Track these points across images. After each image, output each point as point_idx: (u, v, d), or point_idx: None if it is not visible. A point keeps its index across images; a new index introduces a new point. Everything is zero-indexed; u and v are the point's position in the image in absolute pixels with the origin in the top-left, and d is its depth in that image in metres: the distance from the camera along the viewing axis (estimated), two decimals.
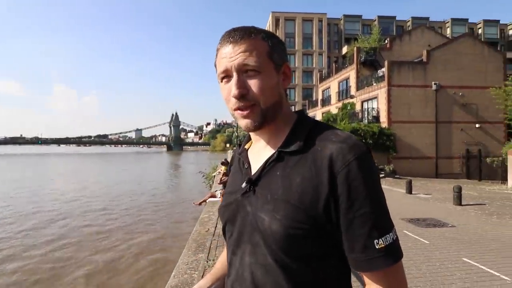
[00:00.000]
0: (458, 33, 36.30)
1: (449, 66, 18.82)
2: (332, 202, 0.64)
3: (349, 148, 0.64)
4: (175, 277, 4.10)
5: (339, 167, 0.63)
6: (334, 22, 50.95)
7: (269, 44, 0.71)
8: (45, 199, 15.49)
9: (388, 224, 0.64)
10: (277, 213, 0.66)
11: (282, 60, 0.73)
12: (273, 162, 0.71)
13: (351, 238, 0.63)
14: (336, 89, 26.42)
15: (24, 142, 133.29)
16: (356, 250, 0.63)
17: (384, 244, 0.62)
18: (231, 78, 0.69)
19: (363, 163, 0.64)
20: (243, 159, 0.81)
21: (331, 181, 0.63)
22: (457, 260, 4.31)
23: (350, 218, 0.63)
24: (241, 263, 0.73)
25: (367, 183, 0.63)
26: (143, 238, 8.98)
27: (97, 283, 6.10)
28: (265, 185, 0.71)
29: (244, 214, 0.73)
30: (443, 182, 14.88)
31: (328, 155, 0.65)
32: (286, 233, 0.64)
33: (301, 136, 0.71)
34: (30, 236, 9.10)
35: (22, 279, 6.23)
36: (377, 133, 17.83)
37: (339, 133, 0.69)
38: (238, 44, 0.68)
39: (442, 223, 6.45)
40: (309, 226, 0.64)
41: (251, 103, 0.68)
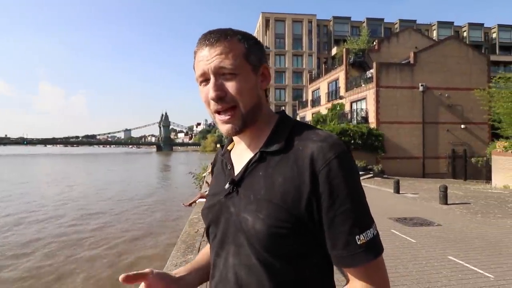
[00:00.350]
0: (444, 36, 37.09)
1: (435, 68, 19.22)
2: (314, 200, 0.64)
3: (330, 147, 0.65)
4: None
5: (320, 165, 0.64)
6: (323, 24, 51.38)
7: (246, 45, 0.70)
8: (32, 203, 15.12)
9: (368, 220, 0.66)
10: (260, 213, 0.66)
11: (260, 61, 0.73)
12: (256, 163, 0.72)
13: (333, 236, 0.65)
14: (325, 90, 26.65)
15: (9, 143, 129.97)
16: (338, 247, 0.64)
17: (365, 240, 0.63)
18: (209, 81, 0.69)
19: (343, 161, 0.65)
20: (226, 160, 0.81)
21: (313, 179, 0.64)
22: (443, 258, 4.39)
23: (332, 216, 0.64)
24: (225, 265, 0.72)
25: (348, 181, 0.64)
26: (129, 238, 8.85)
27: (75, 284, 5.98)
28: (248, 186, 0.71)
29: (227, 215, 0.73)
30: (430, 182, 15.17)
31: (309, 154, 0.66)
32: (269, 232, 0.65)
33: (282, 136, 0.72)
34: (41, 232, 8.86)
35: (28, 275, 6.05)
36: (366, 133, 18.06)
37: (319, 133, 0.70)
38: (214, 47, 0.68)
39: (428, 222, 6.57)
40: (291, 225, 0.65)
41: (230, 105, 0.69)
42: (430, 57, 19.38)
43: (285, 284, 0.67)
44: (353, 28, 49.46)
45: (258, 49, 0.73)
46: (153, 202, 15.10)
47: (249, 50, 0.70)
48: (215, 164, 0.92)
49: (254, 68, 0.71)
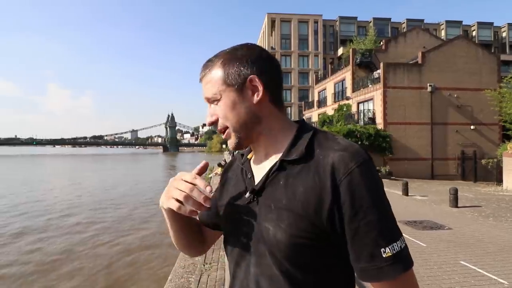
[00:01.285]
0: (452, 35, 36.63)
1: (444, 68, 18.97)
2: (335, 210, 0.63)
3: (351, 156, 0.64)
4: (172, 281, 4.05)
5: (342, 175, 0.63)
6: (329, 24, 51.15)
7: (224, 69, 0.73)
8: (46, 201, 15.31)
9: (395, 232, 0.63)
10: (281, 222, 0.66)
11: (242, 77, 0.72)
12: (276, 172, 0.71)
13: (357, 247, 0.63)
14: (332, 91, 26.51)
15: (19, 143, 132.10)
16: (362, 260, 0.62)
17: (391, 253, 0.60)
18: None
19: (365, 170, 0.64)
20: (246, 169, 0.81)
21: (334, 189, 0.63)
22: (454, 263, 4.30)
23: (355, 227, 0.62)
24: (245, 275, 0.72)
25: (371, 191, 0.63)
26: (136, 237, 8.88)
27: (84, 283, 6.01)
28: (268, 195, 0.71)
29: (248, 225, 0.72)
30: (439, 184, 14.96)
31: (330, 163, 0.65)
32: (290, 242, 0.65)
33: (302, 144, 0.71)
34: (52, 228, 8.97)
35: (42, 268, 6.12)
36: (373, 134, 17.91)
37: (340, 141, 0.69)
38: (203, 79, 0.75)
39: (439, 226, 6.46)
40: (313, 235, 0.64)
41: (222, 127, 0.74)
42: (438, 57, 19.14)
43: None
44: (360, 28, 49.15)
45: (240, 65, 0.72)
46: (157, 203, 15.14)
47: (227, 74, 0.72)
48: (226, 170, 0.91)
49: (236, 88, 0.72)
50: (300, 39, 49.83)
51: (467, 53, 19.44)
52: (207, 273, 4.25)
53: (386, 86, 18.63)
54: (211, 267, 4.43)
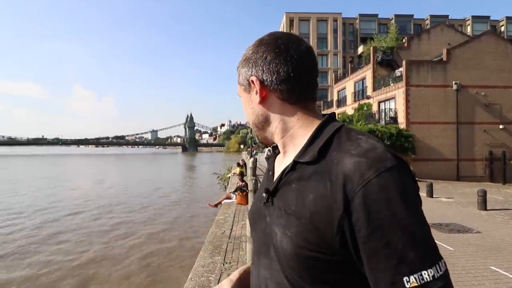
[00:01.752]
0: (479, 31, 35.09)
1: (470, 65, 18.19)
2: (347, 227, 0.54)
3: (370, 163, 0.54)
4: (192, 280, 4.09)
5: (356, 186, 0.53)
6: (349, 22, 50.29)
7: (239, 71, 0.75)
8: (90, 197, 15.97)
9: (426, 257, 0.51)
10: (288, 230, 0.60)
11: (246, 78, 0.72)
12: (289, 173, 0.65)
13: (374, 271, 0.53)
14: (352, 90, 26.03)
15: (45, 143, 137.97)
16: (380, 286, 0.52)
17: (417, 283, 0.49)
18: None
19: (387, 181, 0.53)
20: (269, 165, 0.79)
21: (346, 203, 0.54)
22: (484, 268, 4.11)
23: (371, 248, 0.52)
24: (258, 275, 0.70)
25: (393, 206, 0.52)
26: (158, 238, 9.07)
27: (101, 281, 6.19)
28: (280, 197, 0.66)
29: (264, 225, 0.70)
30: (465, 185, 14.37)
31: (343, 171, 0.55)
32: (295, 252, 0.59)
33: (318, 145, 0.63)
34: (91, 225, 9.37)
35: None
36: (395, 134, 17.42)
37: (361, 144, 0.59)
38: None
39: (466, 229, 6.19)
40: (321, 249, 0.57)
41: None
42: (464, 54, 18.37)
43: None
44: (381, 25, 48.01)
45: (246, 66, 0.73)
46: (179, 201, 15.43)
47: (239, 74, 0.75)
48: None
49: (245, 88, 0.74)
50: (319, 38, 49.29)
51: (496, 50, 18.55)
52: (226, 272, 4.27)
53: (409, 84, 18.08)
54: (230, 267, 4.44)
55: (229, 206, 8.91)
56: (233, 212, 8.11)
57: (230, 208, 8.64)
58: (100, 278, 6.37)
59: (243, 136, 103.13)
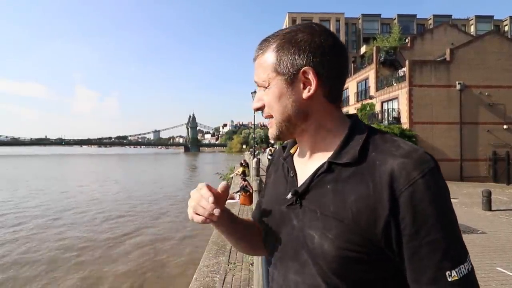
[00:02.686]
0: (483, 31, 34.93)
1: (474, 65, 18.11)
2: (392, 225, 0.56)
3: (415, 164, 0.57)
4: (197, 280, 4.10)
5: (402, 186, 0.55)
6: (352, 22, 50.23)
7: (277, 56, 0.66)
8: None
9: (462, 253, 0.55)
10: (328, 232, 0.60)
11: (296, 67, 0.65)
12: (323, 174, 0.64)
13: (417, 268, 0.56)
14: (354, 90, 25.99)
15: (48, 143, 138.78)
16: (423, 282, 0.55)
17: (458, 277, 0.53)
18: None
19: (431, 182, 0.56)
20: (288, 165, 0.75)
21: (392, 201, 0.56)
22: (490, 269, 4.09)
23: (416, 245, 0.55)
24: (285, 281, 0.68)
25: (436, 206, 0.55)
26: (161, 239, 9.09)
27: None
28: (313, 199, 0.65)
29: (289, 228, 0.68)
30: (469, 186, 14.31)
31: (388, 171, 0.57)
32: (338, 254, 0.59)
33: (355, 146, 0.63)
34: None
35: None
36: (398, 134, 17.35)
37: (401, 145, 0.61)
38: (256, 62, 0.70)
39: (471, 230, 6.16)
40: (364, 249, 0.58)
41: (267, 115, 0.70)
42: (468, 54, 18.29)
43: None
44: (383, 25, 47.90)
45: (295, 54, 0.65)
46: (182, 201, 15.46)
47: (279, 60, 0.66)
48: (270, 165, 0.88)
49: (287, 78, 0.65)
50: None
51: (500, 49, 18.45)
52: (231, 273, 4.28)
53: (412, 84, 18.02)
54: (235, 267, 4.45)
55: (233, 206, 8.92)
56: (236, 212, 8.11)
57: (233, 208, 8.65)
58: (100, 275, 6.40)
59: (245, 136, 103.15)
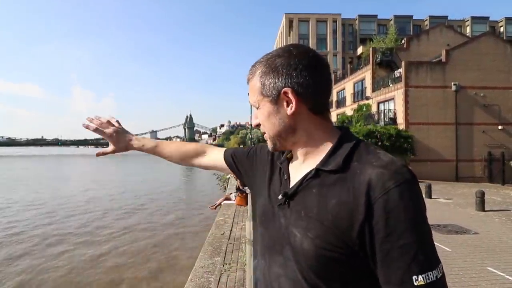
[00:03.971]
0: (478, 32, 35.19)
1: (469, 66, 18.26)
2: (367, 229, 0.61)
3: (391, 175, 0.61)
4: (192, 281, 4.13)
5: (378, 194, 0.60)
6: (348, 23, 50.38)
7: (261, 81, 0.75)
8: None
9: (431, 260, 0.59)
10: (310, 232, 0.66)
11: (277, 89, 0.72)
12: (310, 179, 0.70)
13: (387, 269, 0.60)
14: (351, 91, 26.10)
15: (45, 144, 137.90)
16: (392, 283, 0.59)
17: (424, 282, 0.57)
18: None
19: (404, 192, 0.60)
20: (283, 169, 0.81)
21: (368, 208, 0.60)
22: (481, 269, 4.15)
23: (387, 249, 0.59)
24: (269, 272, 0.75)
25: (409, 213, 0.59)
26: (157, 239, 9.10)
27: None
28: (300, 201, 0.71)
29: (277, 225, 0.74)
30: (464, 186, 14.42)
31: (367, 180, 0.62)
32: (316, 253, 0.64)
33: (341, 155, 0.69)
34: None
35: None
36: (394, 135, 17.47)
37: (381, 157, 0.66)
38: (248, 85, 0.80)
39: (464, 230, 6.24)
40: (340, 250, 0.63)
41: (263, 131, 0.79)
42: (463, 55, 18.44)
43: None
44: (380, 26, 48.12)
45: (276, 76, 0.72)
46: (178, 202, 15.46)
47: (263, 85, 0.74)
48: (261, 149, 0.95)
49: (271, 99, 0.73)
50: (318, 39, 49.33)
51: (495, 50, 18.63)
52: (226, 273, 4.31)
53: (408, 85, 18.15)
54: (230, 268, 4.48)
55: (229, 207, 8.94)
56: (232, 213, 8.14)
57: (229, 209, 8.67)
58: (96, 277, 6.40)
59: (243, 137, 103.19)
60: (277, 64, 0.72)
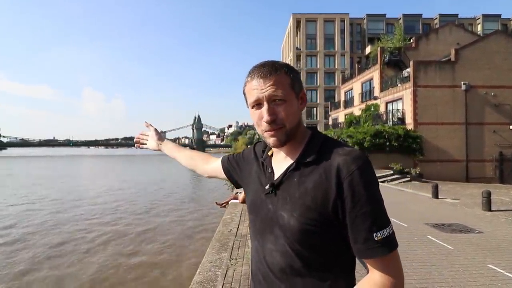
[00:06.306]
0: (490, 30, 34.55)
1: (479, 65, 18.02)
2: (339, 203, 0.79)
3: (352, 160, 0.80)
4: (200, 274, 4.31)
5: (344, 175, 0.79)
6: (356, 22, 50.07)
7: (291, 77, 0.87)
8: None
9: (385, 221, 0.79)
10: (294, 212, 0.83)
11: (301, 88, 0.90)
12: (292, 171, 0.88)
13: (355, 232, 0.79)
14: (359, 90, 26.00)
15: (57, 144, 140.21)
16: (359, 241, 0.79)
17: (381, 237, 0.77)
18: (261, 106, 0.86)
19: (363, 172, 0.79)
20: (266, 164, 0.98)
21: (338, 187, 0.79)
22: (482, 266, 4.22)
23: (354, 216, 0.78)
24: (263, 249, 0.91)
25: (367, 188, 0.78)
26: (167, 237, 9.34)
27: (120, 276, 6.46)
28: (285, 189, 0.88)
29: (266, 211, 0.90)
30: (473, 187, 14.27)
31: (335, 165, 0.81)
32: (300, 227, 0.82)
33: (315, 150, 0.87)
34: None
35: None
36: (403, 135, 17.38)
37: (345, 148, 0.85)
38: (268, 78, 0.84)
39: (468, 229, 6.27)
40: (319, 223, 0.81)
41: (279, 126, 0.85)
42: (473, 54, 18.21)
43: (311, 267, 0.83)
44: (388, 25, 47.65)
45: (299, 79, 0.91)
46: (186, 201, 15.71)
47: (293, 81, 0.88)
48: (246, 152, 1.14)
49: (297, 95, 0.88)
50: (326, 39, 49.16)
51: (506, 49, 18.32)
52: (233, 267, 4.47)
53: (416, 85, 18.02)
54: (236, 262, 4.65)
55: (236, 206, 9.11)
56: (239, 212, 8.31)
57: (236, 208, 8.84)
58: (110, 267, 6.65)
59: (251, 137, 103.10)
60: (295, 69, 0.92)
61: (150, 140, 1.48)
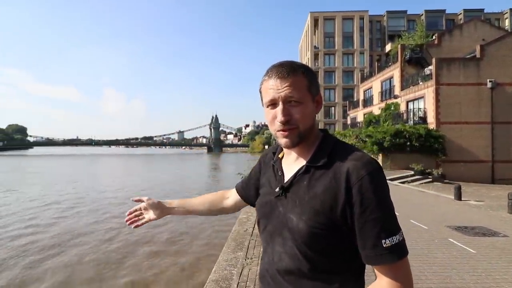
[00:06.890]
0: None
1: (507, 62, 17.24)
2: (348, 208, 0.79)
3: (362, 165, 0.80)
4: (216, 272, 4.38)
5: (354, 180, 0.79)
6: (376, 19, 49.03)
7: (309, 79, 0.87)
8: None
9: (394, 228, 0.78)
10: (303, 215, 0.83)
11: (317, 91, 0.90)
12: (302, 174, 0.89)
13: (363, 237, 0.78)
14: (378, 89, 25.47)
15: (80, 144, 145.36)
16: (367, 247, 0.78)
17: (390, 244, 0.76)
18: (276, 106, 0.86)
19: (373, 178, 0.79)
20: (277, 167, 0.99)
21: (347, 191, 0.79)
22: (506, 272, 4.06)
23: (363, 221, 0.78)
24: (272, 251, 0.92)
25: (377, 194, 0.78)
26: (182, 235, 9.51)
27: (144, 275, 6.65)
28: (294, 192, 0.88)
29: (277, 213, 0.91)
30: (500, 189, 13.66)
31: (345, 170, 0.81)
32: (309, 231, 0.82)
33: (325, 153, 0.87)
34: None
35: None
36: (424, 135, 16.88)
37: (356, 152, 0.85)
38: (285, 79, 0.84)
39: (492, 232, 6.03)
40: (328, 227, 0.81)
41: (292, 127, 0.86)
42: (500, 50, 17.43)
43: (320, 271, 0.83)
44: (410, 22, 46.38)
45: (317, 81, 0.91)
46: None
47: (311, 83, 0.87)
48: (262, 162, 1.13)
49: (313, 98, 0.89)
50: (345, 37, 48.44)
51: None
52: (248, 267, 4.52)
53: (439, 83, 17.45)
54: (252, 262, 4.69)
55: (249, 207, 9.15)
56: (255, 211, 8.35)
57: (252, 208, 8.87)
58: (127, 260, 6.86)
59: (268, 137, 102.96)
60: (313, 71, 0.91)
61: (149, 212, 1.26)
